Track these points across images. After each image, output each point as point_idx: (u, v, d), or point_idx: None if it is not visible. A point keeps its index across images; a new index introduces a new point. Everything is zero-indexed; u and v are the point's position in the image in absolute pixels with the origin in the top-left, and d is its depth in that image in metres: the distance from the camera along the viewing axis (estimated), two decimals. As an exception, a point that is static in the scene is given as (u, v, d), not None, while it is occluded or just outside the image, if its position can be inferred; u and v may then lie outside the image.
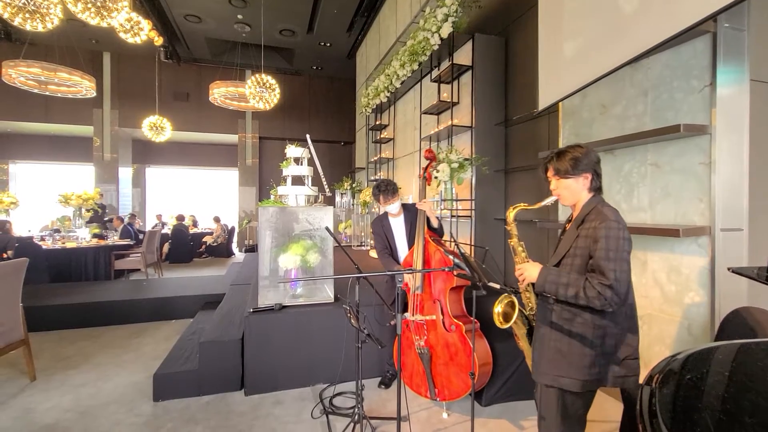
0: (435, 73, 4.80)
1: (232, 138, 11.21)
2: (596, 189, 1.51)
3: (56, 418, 2.45)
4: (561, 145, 3.22)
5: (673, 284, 2.31)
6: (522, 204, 1.67)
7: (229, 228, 10.46)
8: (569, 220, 1.63)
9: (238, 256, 10.05)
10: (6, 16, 4.19)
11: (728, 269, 1.56)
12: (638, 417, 0.62)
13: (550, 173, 1.57)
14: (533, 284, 1.56)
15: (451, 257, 2.36)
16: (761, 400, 0.64)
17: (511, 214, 1.66)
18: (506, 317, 1.54)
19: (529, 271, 1.51)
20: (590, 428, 2.28)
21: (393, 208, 2.75)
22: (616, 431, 2.21)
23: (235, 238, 10.86)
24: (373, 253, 4.88)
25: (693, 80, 2.19)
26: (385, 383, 2.90)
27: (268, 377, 2.81)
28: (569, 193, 1.53)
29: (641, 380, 1.42)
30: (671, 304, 2.33)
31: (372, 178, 7.54)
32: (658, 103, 2.38)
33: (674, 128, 2.09)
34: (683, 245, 2.25)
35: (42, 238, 6.86)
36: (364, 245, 6.77)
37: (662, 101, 2.36)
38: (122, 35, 5.53)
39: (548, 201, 1.62)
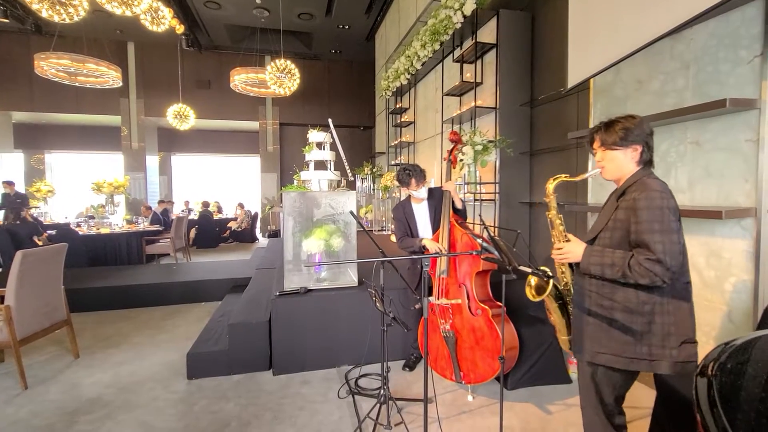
0: (457, 52, 4.66)
1: (253, 125, 11.32)
2: (646, 162, 1.41)
3: (99, 392, 2.60)
4: (591, 125, 3.08)
5: (713, 269, 2.21)
6: (563, 175, 1.56)
7: (253, 214, 10.68)
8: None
9: (262, 241, 10.27)
10: (36, 6, 4.30)
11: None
12: (696, 408, 0.59)
13: (596, 144, 1.47)
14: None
15: (479, 241, 2.33)
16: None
17: (551, 185, 1.56)
18: (539, 290, 1.50)
19: (573, 252, 1.44)
20: (620, 414, 2.25)
21: (423, 191, 2.73)
22: (647, 418, 2.16)
23: (258, 224, 11.08)
24: (394, 238, 4.87)
25: (741, 50, 2.03)
26: (410, 366, 2.93)
27: (295, 358, 2.88)
28: (614, 166, 1.43)
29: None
30: (710, 290, 2.23)
31: (392, 162, 7.48)
32: (702, 76, 2.23)
33: (720, 103, 1.96)
34: (725, 228, 2.13)
35: (78, 225, 7.19)
36: (384, 230, 6.78)
37: (706, 74, 2.20)
38: (146, 24, 5.59)
39: (590, 173, 1.52)
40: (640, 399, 2.41)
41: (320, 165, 3.30)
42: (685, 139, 2.33)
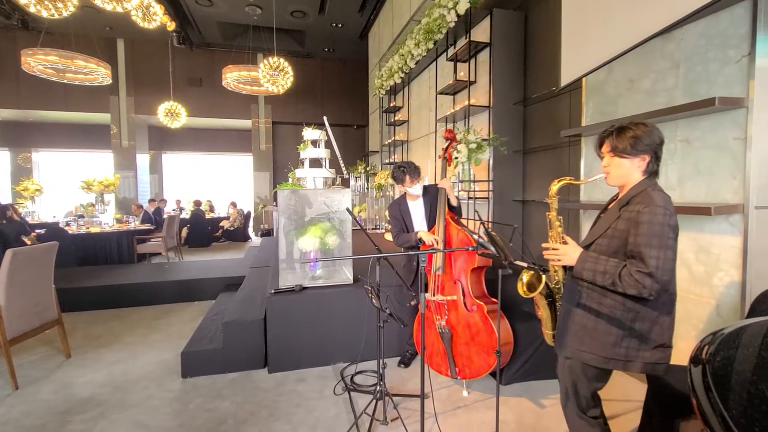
0: (451, 51, 4.68)
1: (246, 123, 11.24)
2: (652, 172, 1.41)
3: (92, 392, 2.57)
4: (584, 123, 3.13)
5: (702, 264, 2.26)
6: (567, 178, 1.57)
7: (245, 213, 10.61)
8: (612, 200, 1.55)
9: (255, 240, 10.21)
10: (24, 1, 4.22)
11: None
12: (691, 392, 0.61)
13: (605, 148, 1.46)
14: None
15: (475, 237, 2.35)
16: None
17: (554, 187, 1.56)
18: (531, 287, 1.53)
19: (568, 255, 1.45)
20: (612, 407, 2.29)
21: (418, 188, 2.74)
22: (638, 411, 2.20)
23: (251, 223, 11.02)
24: (388, 236, 4.89)
25: (730, 50, 2.08)
26: (405, 362, 2.94)
27: (290, 356, 2.88)
28: (620, 173, 1.43)
29: (675, 358, 1.41)
30: (699, 285, 2.28)
31: (386, 161, 7.49)
32: (691, 75, 2.27)
33: (709, 102, 2.00)
34: (714, 224, 2.18)
35: (67, 224, 7.08)
36: (378, 228, 6.78)
37: (695, 74, 2.25)
38: (137, 21, 5.52)
39: (595, 178, 1.53)
40: (632, 392, 2.46)
41: (315, 163, 3.30)
42: (676, 137, 2.37)
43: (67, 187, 10.81)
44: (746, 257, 2.03)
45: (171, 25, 7.55)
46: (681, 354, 2.17)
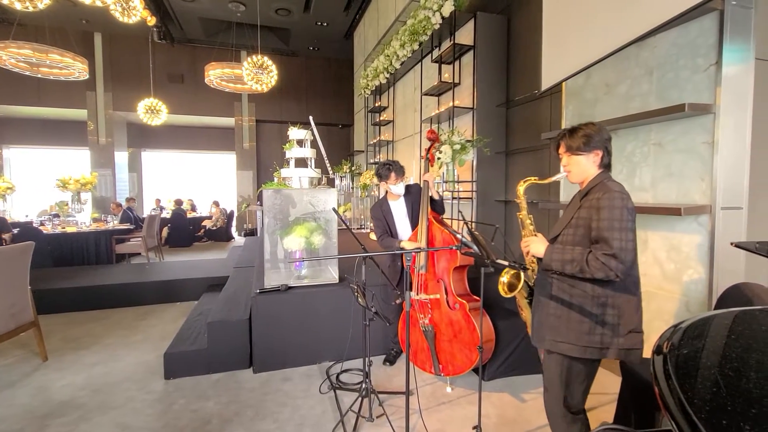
0: (436, 53, 4.74)
1: (229, 121, 11.08)
2: (605, 165, 1.54)
3: (71, 395, 2.51)
4: (564, 126, 3.22)
5: (673, 262, 2.37)
6: (532, 178, 1.68)
7: (228, 212, 10.46)
8: (575, 197, 1.65)
9: (238, 240, 10.08)
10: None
11: (731, 243, 1.60)
12: (653, 381, 0.66)
13: (561, 149, 1.59)
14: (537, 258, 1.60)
15: (458, 236, 2.40)
16: (765, 358, 0.69)
17: (521, 187, 1.67)
18: (511, 287, 1.59)
19: (534, 246, 1.54)
20: (587, 401, 2.38)
21: (400, 187, 2.77)
22: (613, 403, 2.30)
23: (233, 222, 10.87)
24: (373, 236, 4.91)
25: (699, 59, 2.19)
26: (390, 360, 2.98)
27: (275, 355, 2.88)
28: (579, 169, 1.55)
29: (647, 352, 1.48)
30: (670, 282, 2.39)
31: (371, 161, 7.52)
32: (663, 82, 2.38)
33: (679, 107, 2.11)
34: (684, 224, 2.29)
35: (41, 223, 6.85)
36: (363, 228, 6.81)
37: (667, 80, 2.36)
38: (116, 15, 5.38)
39: (558, 177, 1.63)
40: (607, 386, 2.55)
41: (301, 162, 3.30)
42: (649, 141, 2.48)
43: (40, 185, 10.43)
44: (713, 255, 2.15)
45: (151, 20, 7.38)
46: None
